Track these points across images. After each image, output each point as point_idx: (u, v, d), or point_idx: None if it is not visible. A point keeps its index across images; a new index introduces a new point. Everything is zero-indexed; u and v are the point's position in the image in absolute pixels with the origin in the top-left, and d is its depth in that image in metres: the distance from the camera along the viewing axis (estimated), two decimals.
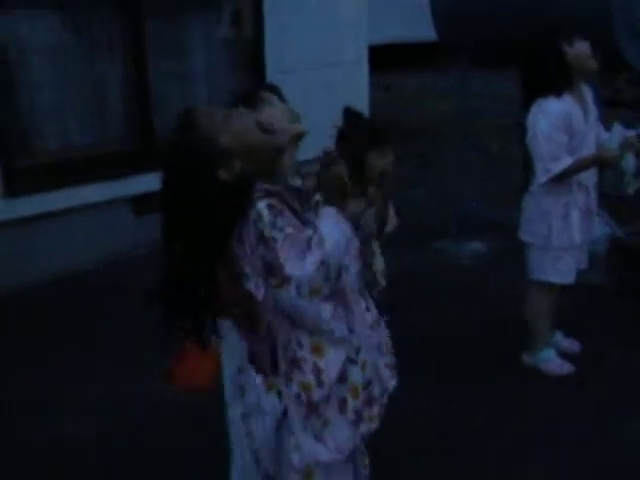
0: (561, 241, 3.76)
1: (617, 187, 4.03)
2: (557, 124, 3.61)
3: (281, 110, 2.59)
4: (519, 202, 3.95)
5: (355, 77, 6.72)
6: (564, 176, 3.66)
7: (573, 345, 4.14)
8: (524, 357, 4.03)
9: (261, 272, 2.00)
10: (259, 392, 2.18)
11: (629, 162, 3.72)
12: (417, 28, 10.82)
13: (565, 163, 3.61)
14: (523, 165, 3.86)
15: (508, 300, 4.47)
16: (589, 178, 3.81)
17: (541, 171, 3.67)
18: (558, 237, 3.76)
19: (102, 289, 4.96)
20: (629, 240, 4.96)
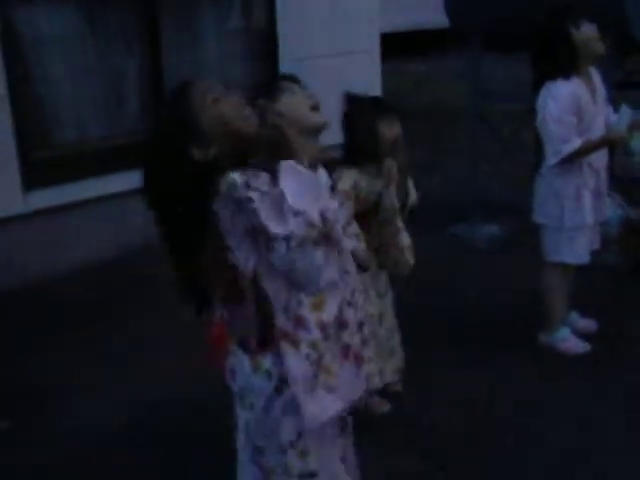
0: (574, 222, 3.80)
1: (628, 169, 4.06)
2: (566, 106, 3.64)
3: (302, 97, 2.60)
4: (532, 185, 3.99)
5: (368, 65, 6.74)
6: (574, 158, 3.69)
7: (589, 325, 4.17)
8: (540, 337, 4.07)
9: (248, 240, 2.00)
10: (247, 373, 2.17)
11: (637, 143, 3.74)
12: (427, 15, 10.86)
13: (574, 145, 3.65)
14: (534, 148, 3.90)
15: (524, 282, 4.51)
16: (599, 160, 3.85)
17: (551, 153, 3.71)
18: (570, 218, 3.80)
19: (120, 279, 5.02)
20: None
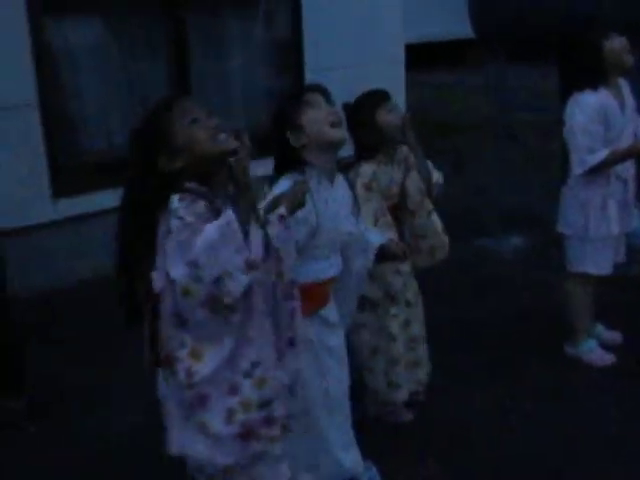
0: (598, 232, 3.79)
1: None
2: (593, 117, 3.65)
3: (324, 113, 2.63)
4: (557, 196, 3.98)
5: (392, 75, 6.77)
6: (601, 168, 3.69)
7: (615, 337, 4.15)
8: (566, 348, 4.06)
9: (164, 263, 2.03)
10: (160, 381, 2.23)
11: None
12: (448, 26, 10.89)
13: (601, 155, 3.65)
14: (561, 158, 3.90)
15: (549, 293, 4.50)
16: (627, 170, 3.84)
17: (577, 163, 3.71)
18: (595, 228, 3.79)
19: None
20: None
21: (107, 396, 3.82)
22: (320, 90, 2.69)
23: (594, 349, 4.01)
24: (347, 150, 3.25)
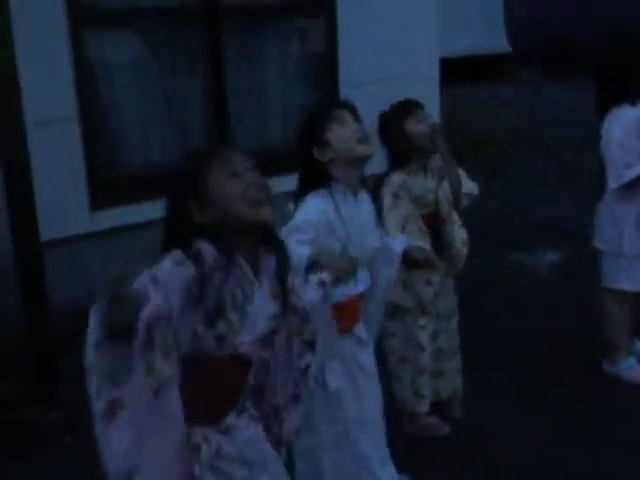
0: (633, 248, 3.78)
1: None
2: (630, 132, 3.64)
3: (352, 130, 2.66)
4: (593, 211, 3.96)
5: (427, 90, 6.77)
6: (637, 183, 3.66)
7: None
8: (605, 365, 4.02)
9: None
10: None
11: None
12: (487, 40, 10.85)
13: (637, 170, 3.63)
14: (598, 173, 3.88)
15: (586, 309, 4.46)
16: None
17: (613, 177, 3.70)
18: (630, 244, 3.77)
19: None
20: None
21: None
22: (347, 107, 2.73)
23: (634, 366, 3.98)
24: (380, 166, 3.28)
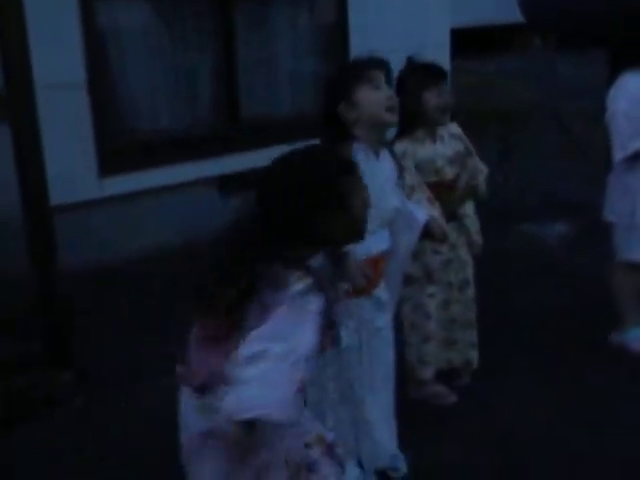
0: None
1: None
2: (635, 101, 3.59)
3: (384, 96, 2.61)
4: (604, 183, 3.94)
5: (438, 59, 6.71)
6: None
7: None
8: (612, 336, 4.01)
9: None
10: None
11: None
12: (492, 11, 10.77)
13: None
14: (608, 145, 3.84)
15: (596, 281, 4.43)
16: None
17: (618, 148, 3.67)
18: None
19: (189, 266, 5.10)
20: None
21: (154, 368, 3.85)
22: (383, 67, 2.66)
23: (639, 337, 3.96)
24: None
